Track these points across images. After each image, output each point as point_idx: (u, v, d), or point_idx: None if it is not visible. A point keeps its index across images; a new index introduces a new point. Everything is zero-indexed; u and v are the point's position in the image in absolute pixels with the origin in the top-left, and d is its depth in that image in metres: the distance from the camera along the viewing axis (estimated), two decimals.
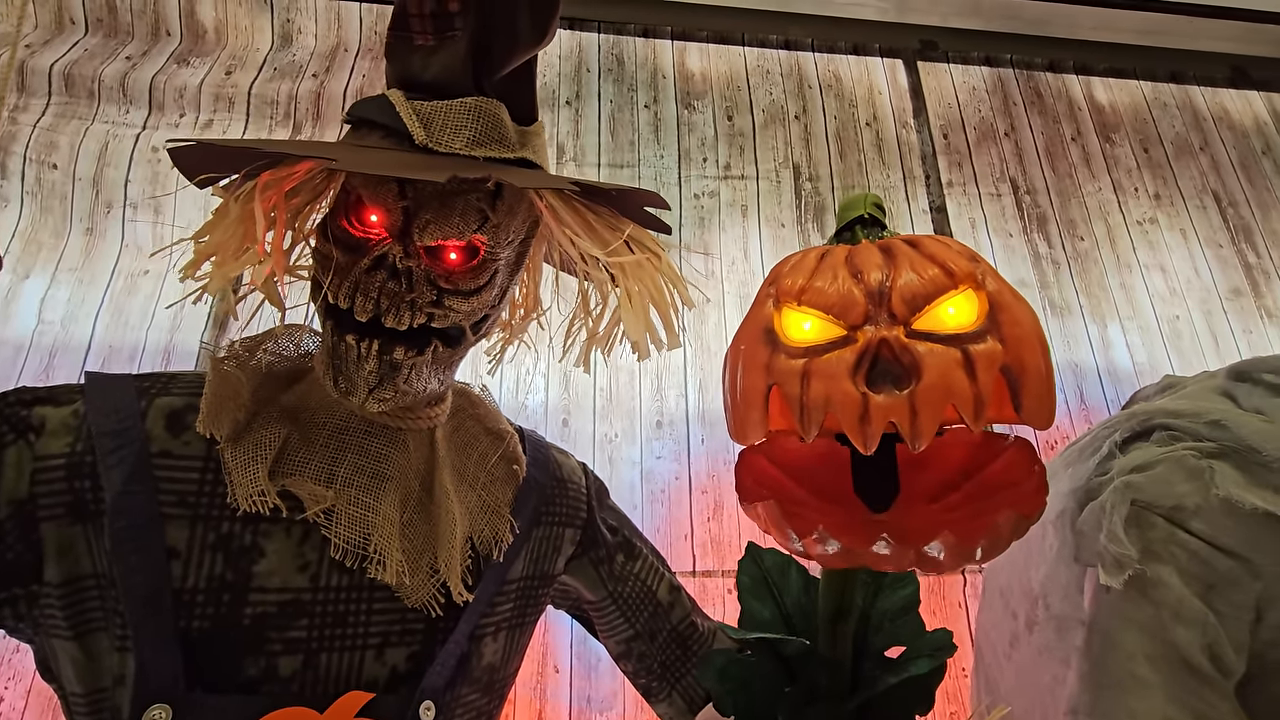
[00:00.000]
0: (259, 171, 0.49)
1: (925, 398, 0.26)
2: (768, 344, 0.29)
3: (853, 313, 0.28)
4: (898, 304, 0.27)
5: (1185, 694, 0.47)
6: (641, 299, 0.51)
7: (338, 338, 0.52)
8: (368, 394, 0.53)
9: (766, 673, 0.43)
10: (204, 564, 0.51)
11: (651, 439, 1.17)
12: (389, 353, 0.52)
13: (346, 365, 0.52)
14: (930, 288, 0.28)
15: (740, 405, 0.30)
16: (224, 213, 0.49)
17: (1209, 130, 1.63)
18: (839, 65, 1.55)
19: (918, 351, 0.26)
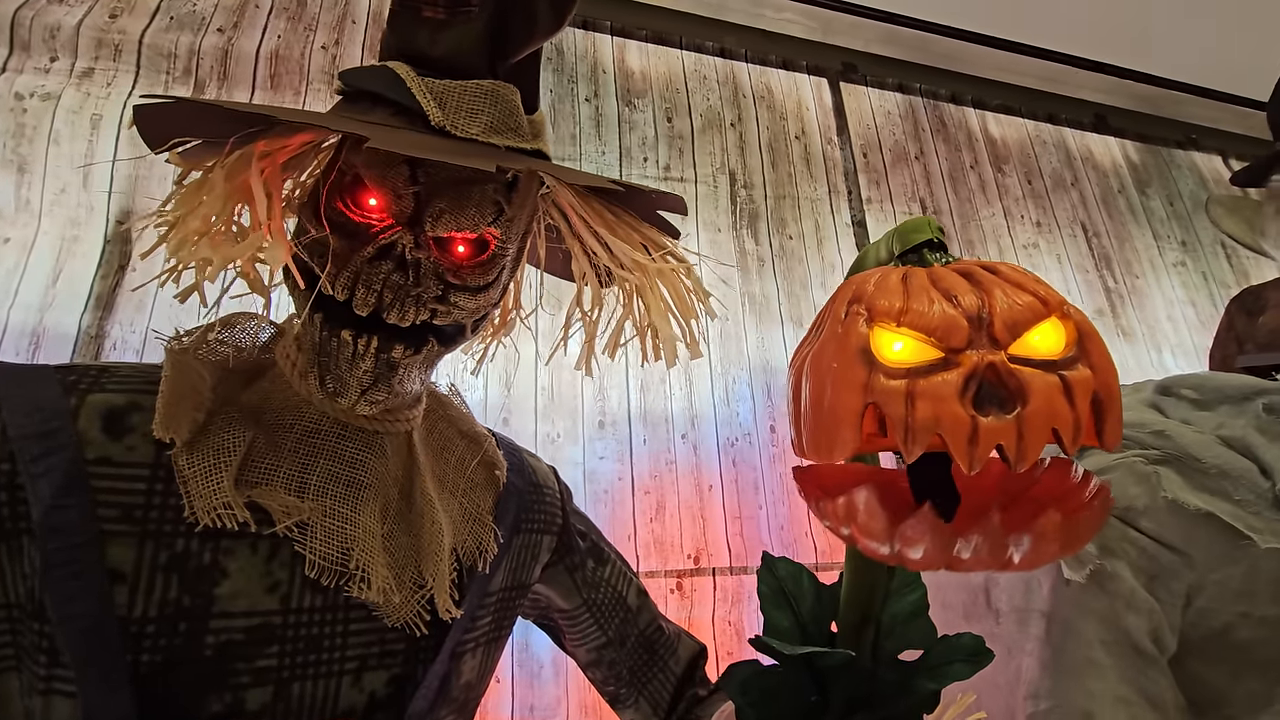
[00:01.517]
0: (248, 140, 0.42)
1: (1032, 422, 0.27)
2: (865, 364, 0.29)
3: (955, 336, 0.28)
4: (1000, 329, 0.28)
5: (1134, 674, 0.53)
6: (666, 305, 0.50)
7: (329, 332, 0.46)
8: (360, 395, 0.48)
9: (792, 684, 0.44)
10: (155, 588, 0.44)
11: (594, 439, 1.15)
12: (387, 351, 0.47)
13: (338, 363, 0.47)
14: (1028, 314, 0.29)
15: (830, 423, 0.30)
16: (205, 185, 0.42)
17: (1078, 168, 1.85)
18: (770, 78, 1.61)
19: (1023, 376, 0.27)
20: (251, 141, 0.43)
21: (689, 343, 0.50)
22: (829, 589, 0.50)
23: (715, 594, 1.12)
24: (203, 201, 0.41)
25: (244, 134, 0.42)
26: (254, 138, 0.43)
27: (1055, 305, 0.30)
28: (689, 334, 0.50)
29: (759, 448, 1.25)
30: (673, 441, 1.19)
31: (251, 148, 0.42)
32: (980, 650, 0.40)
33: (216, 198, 0.41)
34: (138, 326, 1.00)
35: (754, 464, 1.23)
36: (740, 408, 1.26)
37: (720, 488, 1.19)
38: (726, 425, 1.24)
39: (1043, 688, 0.56)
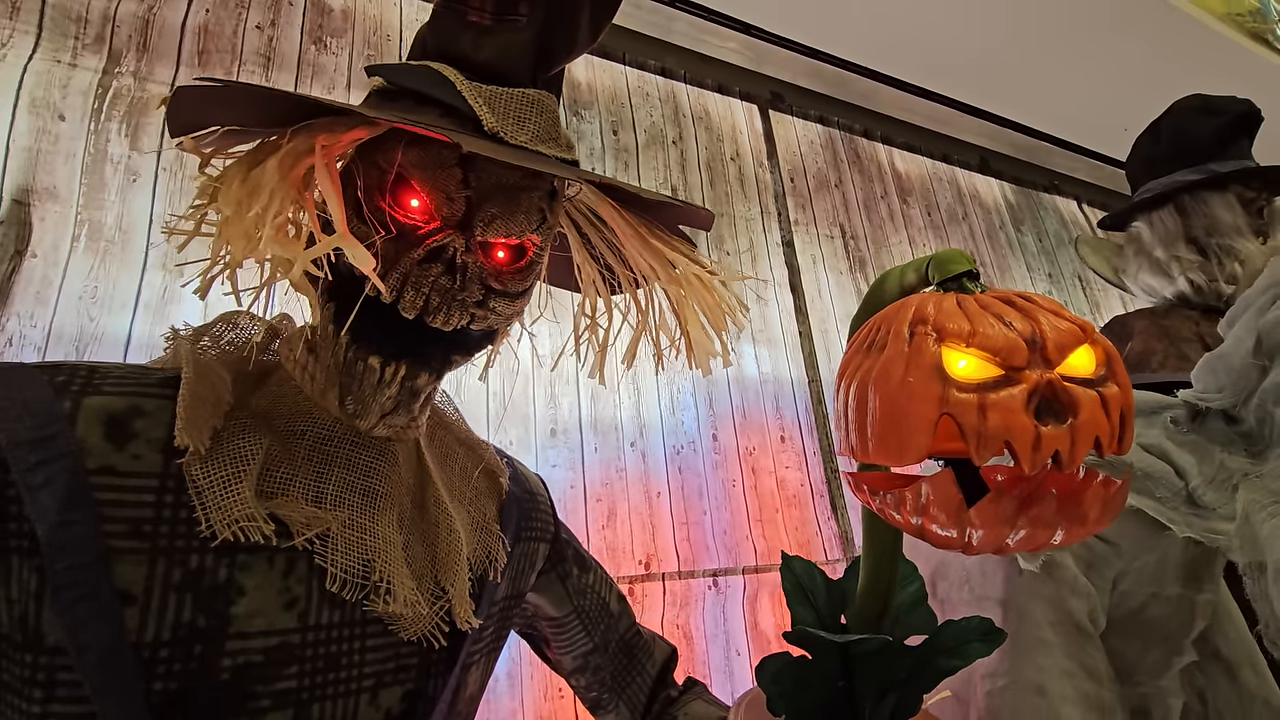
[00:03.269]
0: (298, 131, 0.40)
1: (1082, 431, 0.32)
2: (939, 379, 0.33)
3: (1017, 356, 0.33)
4: (1051, 351, 0.33)
5: (1077, 650, 0.62)
6: (696, 314, 0.52)
7: (355, 356, 0.45)
8: (380, 419, 0.47)
9: (822, 673, 0.47)
10: (168, 609, 0.41)
11: (546, 447, 1.15)
12: (413, 379, 0.47)
13: (362, 387, 0.46)
14: (1070, 339, 0.34)
15: (906, 430, 0.34)
16: (262, 179, 0.40)
17: (968, 204, 2.07)
18: (707, 100, 1.67)
19: (1073, 392, 0.33)
20: (303, 133, 0.41)
21: (721, 351, 0.52)
22: (835, 584, 0.55)
23: (665, 598, 1.15)
24: (257, 196, 0.39)
25: (299, 126, 0.40)
26: (304, 130, 0.41)
27: (1089, 331, 0.36)
28: (721, 343, 0.53)
29: (702, 455, 1.29)
30: (622, 449, 1.21)
31: (310, 140, 0.40)
32: (991, 629, 0.45)
33: (275, 192, 0.39)
34: (39, 320, 0.89)
35: (698, 471, 1.27)
36: (684, 416, 1.30)
37: (668, 494, 1.22)
38: (672, 433, 1.27)
39: (1000, 667, 0.63)
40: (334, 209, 0.37)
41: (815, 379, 1.49)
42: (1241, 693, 0.71)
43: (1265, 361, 0.61)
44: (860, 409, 0.39)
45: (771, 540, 1.29)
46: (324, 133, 0.41)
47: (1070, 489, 0.36)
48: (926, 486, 0.36)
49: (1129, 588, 0.65)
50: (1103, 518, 0.35)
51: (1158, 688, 0.69)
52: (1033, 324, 0.36)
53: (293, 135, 0.41)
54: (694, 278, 0.53)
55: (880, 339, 0.40)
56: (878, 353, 0.39)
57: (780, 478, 1.36)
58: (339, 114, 0.42)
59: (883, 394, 0.37)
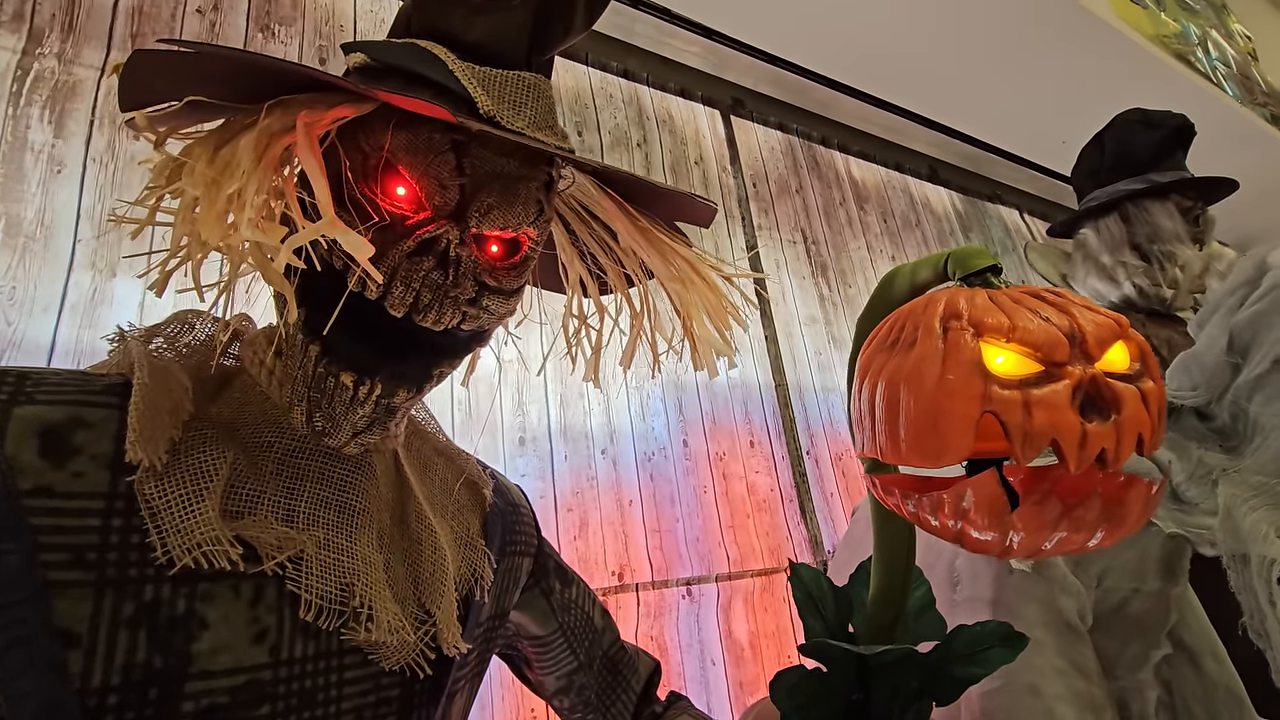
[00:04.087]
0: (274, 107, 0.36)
1: (1127, 427, 0.31)
2: (981, 376, 0.32)
3: (1059, 351, 0.32)
4: (1092, 345, 0.32)
5: (1068, 648, 0.62)
6: (700, 313, 0.50)
7: (325, 371, 0.41)
8: (351, 438, 0.43)
9: (837, 686, 0.45)
10: (118, 650, 0.36)
11: (515, 456, 1.10)
12: (390, 397, 0.43)
13: (333, 405, 0.42)
14: (1108, 333, 0.33)
15: (945, 430, 0.32)
16: (229, 158, 0.35)
17: (920, 211, 2.12)
18: (670, 104, 1.66)
19: (1116, 388, 0.32)
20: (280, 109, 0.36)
21: (726, 350, 0.50)
22: (842, 592, 0.53)
23: (639, 610, 1.12)
24: (231, 177, 0.34)
25: (276, 101, 0.36)
26: (282, 106, 0.37)
27: (1125, 325, 0.35)
28: (726, 342, 0.50)
29: (673, 461, 1.27)
30: (593, 457, 1.17)
31: (292, 118, 0.36)
32: (1012, 634, 0.44)
33: (251, 173, 0.34)
34: None
35: (669, 478, 1.25)
36: (655, 423, 1.28)
37: (640, 502, 1.19)
38: (643, 440, 1.25)
39: None
40: (320, 192, 0.33)
41: (782, 383, 1.49)
42: (1205, 681, 0.73)
43: (1238, 359, 0.62)
44: (891, 409, 0.37)
45: (743, 546, 1.27)
46: (304, 109, 0.37)
47: (1113, 490, 0.36)
48: (970, 490, 0.34)
49: (1112, 584, 0.66)
50: (1141, 519, 0.34)
51: (1135, 681, 0.70)
52: (1070, 319, 0.35)
53: (268, 111, 0.36)
54: (696, 276, 0.50)
55: (907, 336, 0.38)
56: (905, 350, 0.38)
57: (750, 483, 1.35)
58: (327, 88, 0.37)
59: (917, 393, 0.35)
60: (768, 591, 1.25)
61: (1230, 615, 0.71)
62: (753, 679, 1.18)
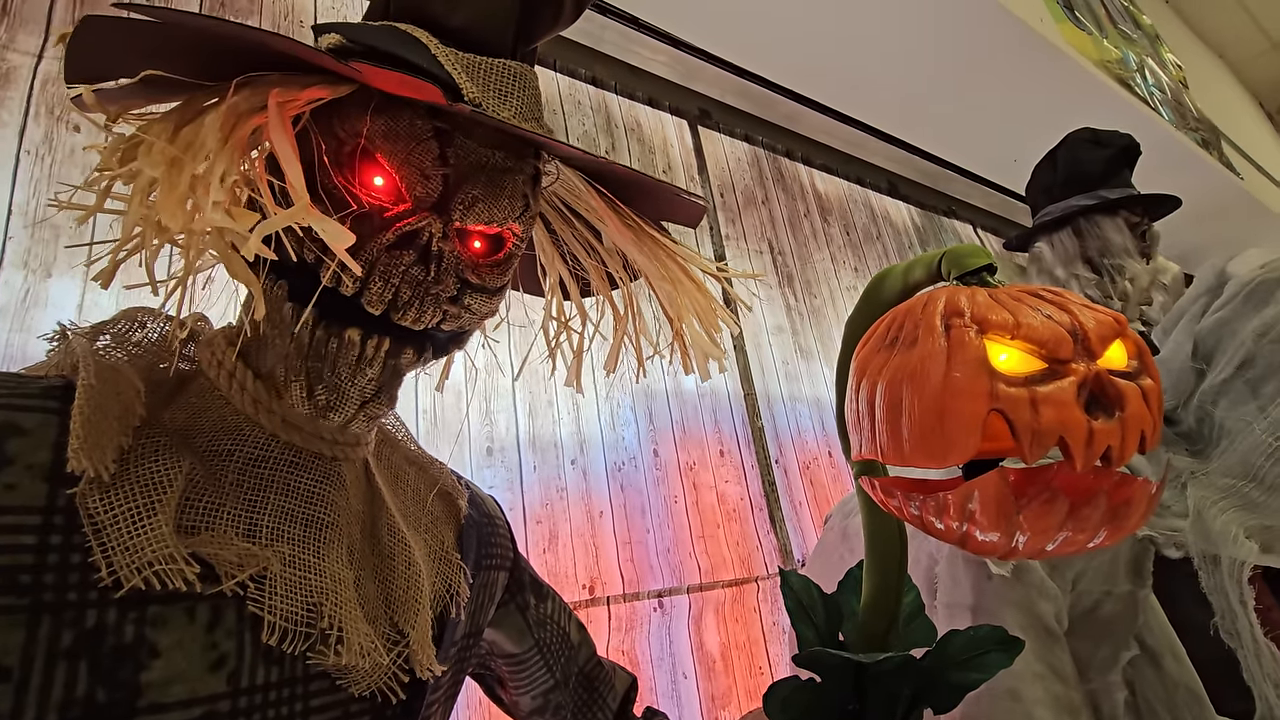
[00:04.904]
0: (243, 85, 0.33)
1: (1131, 424, 0.31)
2: (986, 374, 0.31)
3: (1063, 349, 0.31)
4: (1095, 343, 0.32)
5: (1046, 652, 0.62)
6: (689, 314, 0.48)
7: (326, 333, 0.38)
8: (359, 409, 0.40)
9: (831, 696, 0.44)
10: (54, 684, 0.32)
11: (482, 466, 1.07)
12: (397, 355, 0.40)
13: (338, 371, 0.39)
14: (1109, 330, 0.33)
15: (952, 429, 0.31)
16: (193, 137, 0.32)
17: (880, 225, 2.17)
18: (639, 112, 1.66)
19: (1120, 385, 0.31)
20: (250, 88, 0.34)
21: (717, 354, 0.49)
22: (832, 599, 0.52)
23: (610, 623, 1.09)
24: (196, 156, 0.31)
25: (243, 78, 0.33)
26: (251, 84, 0.34)
27: (1123, 323, 0.35)
28: (715, 345, 0.49)
29: (643, 471, 1.25)
30: (563, 468, 1.14)
31: (261, 97, 0.33)
32: (1008, 638, 0.44)
33: (219, 153, 0.31)
34: None
35: (640, 488, 1.23)
36: (625, 432, 1.26)
37: (610, 513, 1.17)
38: (613, 450, 1.22)
39: None
40: (293, 176, 0.30)
41: (750, 392, 1.49)
42: (1165, 680, 0.75)
43: (1202, 365, 0.64)
44: (893, 409, 0.36)
45: (714, 557, 1.26)
46: (275, 88, 0.34)
47: (1117, 490, 0.35)
48: (976, 491, 0.34)
49: (1086, 587, 0.66)
50: (1143, 519, 0.34)
51: (1106, 683, 0.71)
52: (1071, 316, 0.35)
53: (235, 89, 0.33)
54: (686, 277, 0.49)
55: (907, 335, 0.38)
56: (906, 349, 0.37)
57: (720, 492, 1.33)
58: (302, 65, 0.35)
59: (921, 392, 0.34)
60: (738, 602, 1.24)
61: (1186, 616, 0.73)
62: (724, 692, 1.16)
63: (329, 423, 0.40)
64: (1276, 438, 0.58)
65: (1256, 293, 0.62)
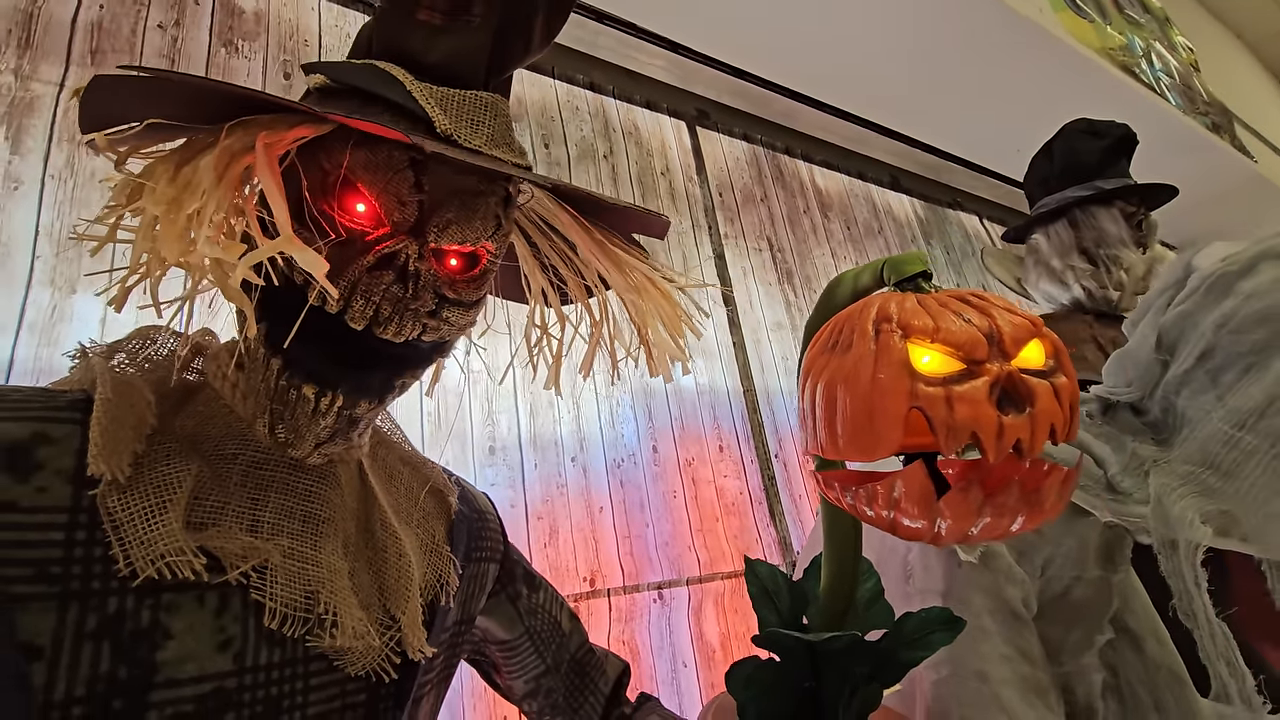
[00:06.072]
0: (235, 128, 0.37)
1: (1040, 419, 0.34)
2: (908, 374, 0.34)
3: (979, 350, 0.34)
4: (1008, 344, 0.35)
5: (1013, 635, 0.65)
6: (655, 321, 0.52)
7: (287, 384, 0.42)
8: (314, 448, 0.44)
9: (790, 675, 0.47)
10: (82, 662, 0.36)
11: (485, 465, 1.11)
12: (351, 408, 0.44)
13: (295, 416, 0.43)
14: (1024, 333, 0.36)
15: (879, 425, 0.35)
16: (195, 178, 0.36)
17: (883, 219, 2.18)
18: (636, 116, 1.69)
19: (1031, 383, 0.34)
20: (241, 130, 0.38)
21: (680, 357, 0.52)
22: (797, 586, 0.55)
23: (610, 614, 1.13)
24: (191, 196, 0.35)
25: (236, 122, 0.37)
26: (243, 126, 0.38)
27: (1039, 325, 0.38)
28: (679, 349, 0.52)
29: (642, 467, 1.29)
30: (563, 465, 1.18)
31: (250, 137, 0.37)
32: (952, 619, 0.47)
33: (211, 192, 0.35)
34: None
35: (639, 484, 1.27)
36: (624, 429, 1.30)
37: (610, 509, 1.21)
38: (613, 447, 1.26)
39: (942, 657, 0.65)
40: (278, 211, 0.34)
41: (750, 389, 1.52)
42: (1147, 663, 0.77)
43: (1166, 356, 0.66)
44: (829, 407, 0.39)
45: (713, 550, 1.29)
46: (264, 130, 0.38)
47: (1030, 478, 0.38)
48: (899, 481, 0.37)
49: (1055, 573, 0.69)
50: (1058, 504, 0.37)
51: (1079, 665, 0.73)
52: (989, 319, 0.38)
53: (229, 132, 0.37)
54: (651, 285, 0.53)
55: (845, 339, 0.41)
56: (843, 352, 0.40)
57: (719, 487, 1.37)
58: (285, 111, 0.39)
59: (853, 392, 0.37)
60: (738, 594, 1.27)
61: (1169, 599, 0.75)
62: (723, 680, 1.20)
63: (288, 454, 0.45)
64: (1233, 426, 0.60)
65: (1216, 285, 0.64)
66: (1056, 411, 0.36)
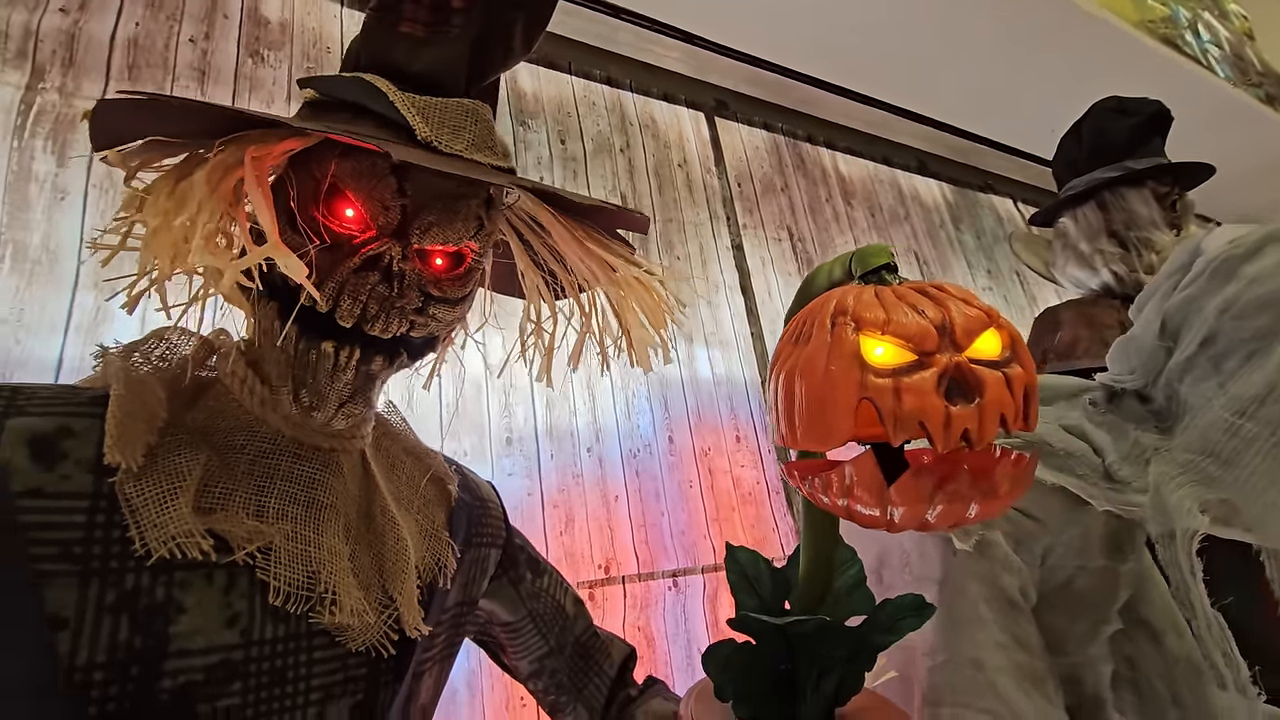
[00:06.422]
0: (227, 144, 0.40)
1: (989, 409, 0.34)
2: (858, 366, 0.35)
3: (928, 342, 0.35)
4: (960, 336, 0.36)
5: (1009, 623, 0.65)
6: (637, 314, 0.54)
7: (308, 344, 0.45)
8: (337, 409, 0.47)
9: (766, 657, 0.49)
10: (102, 632, 0.40)
11: (502, 456, 1.15)
12: (368, 362, 0.47)
13: (318, 377, 0.46)
14: (977, 324, 0.36)
15: (830, 416, 0.36)
16: (179, 191, 0.39)
17: (909, 204, 2.14)
18: (654, 108, 1.70)
19: (980, 373, 0.35)
20: (233, 145, 0.41)
21: (661, 348, 0.54)
22: (779, 572, 0.56)
23: (625, 601, 1.16)
24: (183, 208, 0.39)
25: (229, 138, 0.40)
26: (234, 142, 0.41)
27: (994, 316, 0.39)
28: (661, 340, 0.54)
29: (658, 457, 1.31)
30: (579, 455, 1.21)
31: (240, 152, 0.40)
32: (923, 605, 0.48)
33: (203, 204, 0.38)
34: None
35: (654, 473, 1.29)
36: (640, 420, 1.32)
37: (625, 498, 1.23)
38: (628, 437, 1.29)
39: (939, 644, 0.66)
40: (265, 219, 0.37)
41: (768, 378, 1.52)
42: (1166, 656, 0.76)
43: (1170, 343, 0.65)
44: (788, 398, 0.40)
45: (729, 538, 1.31)
46: (254, 144, 0.41)
47: (982, 465, 0.39)
48: (850, 468, 0.38)
49: (1056, 562, 0.68)
50: (1013, 491, 0.38)
51: (1087, 656, 0.72)
52: (943, 311, 0.38)
53: (221, 147, 0.41)
54: (632, 279, 0.54)
55: (806, 331, 0.42)
56: (804, 344, 0.41)
57: (736, 477, 1.38)
58: (268, 126, 0.42)
59: (808, 383, 0.39)
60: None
61: None
62: None
63: (314, 420, 0.48)
64: (1234, 413, 0.58)
65: (1221, 269, 0.62)
66: (1007, 401, 0.36)
